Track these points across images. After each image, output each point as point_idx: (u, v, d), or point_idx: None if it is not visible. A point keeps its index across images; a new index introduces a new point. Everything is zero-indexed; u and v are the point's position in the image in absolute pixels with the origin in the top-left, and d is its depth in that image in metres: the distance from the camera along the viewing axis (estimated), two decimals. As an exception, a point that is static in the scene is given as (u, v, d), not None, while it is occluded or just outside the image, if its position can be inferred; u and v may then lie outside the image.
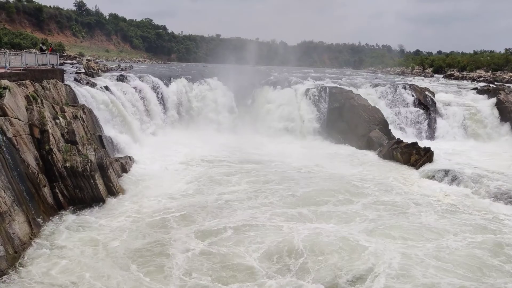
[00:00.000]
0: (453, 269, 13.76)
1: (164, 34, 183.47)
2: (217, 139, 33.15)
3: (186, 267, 13.47)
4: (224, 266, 13.61)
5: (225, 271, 13.31)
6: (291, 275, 13.20)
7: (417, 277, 13.16)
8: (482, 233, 16.81)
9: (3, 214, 13.55)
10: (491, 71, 77.00)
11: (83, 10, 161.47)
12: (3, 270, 12.45)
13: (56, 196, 17.79)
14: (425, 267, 13.78)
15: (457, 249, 15.29)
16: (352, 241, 15.45)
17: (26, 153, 16.77)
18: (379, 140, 33.01)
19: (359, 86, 41.76)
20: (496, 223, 17.99)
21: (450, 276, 13.31)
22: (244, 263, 13.81)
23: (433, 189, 22.92)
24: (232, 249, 14.75)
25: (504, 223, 18.06)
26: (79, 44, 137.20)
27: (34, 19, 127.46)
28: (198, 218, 17.58)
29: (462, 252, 15.09)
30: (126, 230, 16.20)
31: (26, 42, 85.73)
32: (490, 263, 14.23)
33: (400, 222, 17.76)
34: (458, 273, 13.53)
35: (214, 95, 38.83)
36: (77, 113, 22.28)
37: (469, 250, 15.22)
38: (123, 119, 29.12)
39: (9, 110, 16.66)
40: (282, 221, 17.48)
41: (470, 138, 36.93)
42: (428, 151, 27.95)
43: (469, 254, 14.93)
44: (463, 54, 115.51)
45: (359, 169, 27.20)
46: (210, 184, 22.63)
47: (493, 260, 14.46)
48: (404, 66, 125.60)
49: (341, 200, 20.29)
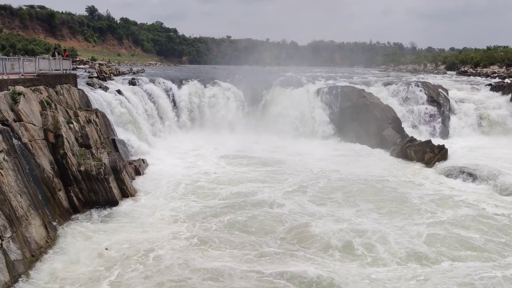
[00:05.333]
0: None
1: (175, 37, 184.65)
2: (230, 140, 33.14)
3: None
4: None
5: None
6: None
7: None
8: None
9: (20, 218, 13.73)
10: (505, 66, 75.82)
11: (94, 15, 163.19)
12: (20, 273, 12.59)
13: (71, 200, 17.98)
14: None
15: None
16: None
17: (41, 157, 16.97)
18: (392, 138, 32.76)
19: (371, 84, 41.48)
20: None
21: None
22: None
23: (449, 187, 22.78)
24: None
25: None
26: (91, 48, 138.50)
27: (47, 25, 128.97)
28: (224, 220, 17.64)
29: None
30: (142, 230, 16.36)
31: (40, 48, 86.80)
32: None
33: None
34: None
35: (226, 97, 38.90)
36: (90, 117, 22.49)
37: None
38: (135, 122, 29.33)
39: (24, 115, 16.87)
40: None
41: (484, 135, 36.48)
42: (442, 149, 27.67)
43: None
44: (476, 50, 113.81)
45: (379, 169, 26.57)
46: (229, 185, 22.59)
47: None
48: (416, 63, 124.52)
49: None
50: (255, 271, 13.36)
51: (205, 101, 38.26)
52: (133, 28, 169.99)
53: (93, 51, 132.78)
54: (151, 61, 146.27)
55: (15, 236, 13.06)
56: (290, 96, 38.98)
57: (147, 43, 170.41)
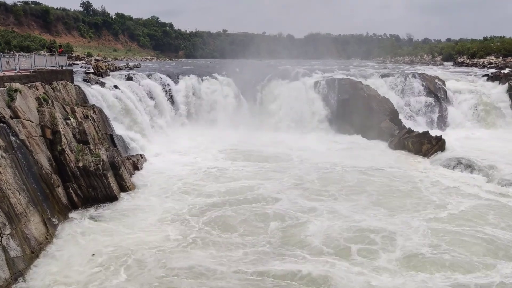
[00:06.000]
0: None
1: (171, 32, 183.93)
2: (227, 135, 33.05)
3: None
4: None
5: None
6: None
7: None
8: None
9: (19, 215, 13.73)
10: (501, 56, 75.87)
11: (89, 10, 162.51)
12: (21, 270, 12.61)
13: (70, 196, 17.97)
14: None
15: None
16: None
17: (39, 154, 16.94)
18: (390, 130, 32.81)
19: (368, 76, 41.39)
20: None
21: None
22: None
23: (448, 177, 22.89)
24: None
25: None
26: (87, 44, 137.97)
27: (42, 21, 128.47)
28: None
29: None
30: (139, 227, 16.33)
31: (35, 44, 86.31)
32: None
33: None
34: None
35: (223, 91, 38.79)
36: (87, 113, 22.43)
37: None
38: (133, 117, 29.27)
39: (20, 112, 16.82)
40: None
41: (482, 125, 36.48)
42: (439, 140, 27.76)
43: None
44: (472, 40, 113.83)
45: (377, 162, 26.55)
46: (227, 181, 22.55)
47: None
48: (413, 55, 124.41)
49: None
50: (256, 273, 13.11)
51: (202, 95, 38.14)
52: (129, 23, 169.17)
53: (88, 46, 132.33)
54: (147, 56, 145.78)
55: (15, 233, 13.06)
56: (287, 90, 38.82)
57: (143, 38, 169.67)
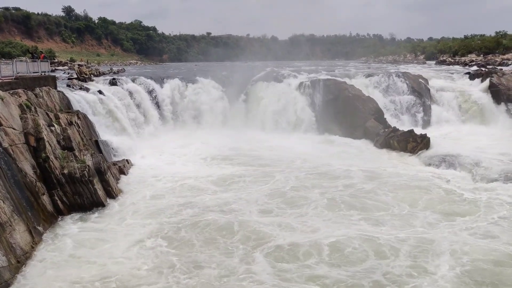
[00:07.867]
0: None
1: (154, 35, 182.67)
2: (213, 138, 32.71)
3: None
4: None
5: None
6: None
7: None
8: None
9: (4, 224, 13.52)
10: (482, 54, 77.12)
11: (71, 15, 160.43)
12: (6, 280, 12.41)
13: (56, 204, 17.75)
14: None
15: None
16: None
17: (23, 162, 16.72)
18: (375, 129, 33.04)
19: (352, 76, 41.66)
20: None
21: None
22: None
23: (433, 175, 23.14)
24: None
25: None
26: (70, 49, 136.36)
27: (23, 27, 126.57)
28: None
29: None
30: (126, 232, 16.18)
31: (16, 50, 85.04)
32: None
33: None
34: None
35: (208, 94, 38.67)
36: (72, 119, 22.21)
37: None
38: (118, 122, 29.08)
39: (3, 119, 16.60)
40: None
41: (465, 122, 36.99)
42: (424, 138, 28.07)
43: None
44: (454, 39, 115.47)
45: (363, 161, 26.59)
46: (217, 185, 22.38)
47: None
48: (396, 54, 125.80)
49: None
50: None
51: (187, 98, 38.02)
52: (112, 27, 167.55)
53: (71, 52, 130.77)
54: (131, 60, 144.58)
55: (0, 242, 12.87)
56: (272, 91, 38.86)
57: (127, 42, 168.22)
